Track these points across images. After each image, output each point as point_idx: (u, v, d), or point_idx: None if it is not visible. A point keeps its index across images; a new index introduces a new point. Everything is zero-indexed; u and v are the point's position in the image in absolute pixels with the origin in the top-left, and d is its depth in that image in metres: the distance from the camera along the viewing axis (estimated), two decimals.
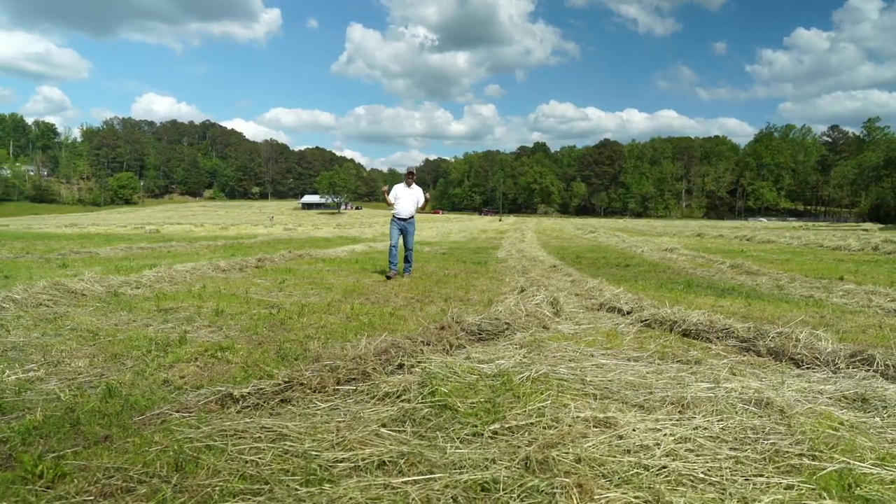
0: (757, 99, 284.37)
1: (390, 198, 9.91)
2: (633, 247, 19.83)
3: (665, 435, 2.54)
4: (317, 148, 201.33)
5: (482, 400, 3.08)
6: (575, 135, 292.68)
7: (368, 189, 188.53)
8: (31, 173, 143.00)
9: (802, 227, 50.41)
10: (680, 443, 2.48)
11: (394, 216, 9.87)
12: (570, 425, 2.66)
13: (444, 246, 21.48)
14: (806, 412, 2.85)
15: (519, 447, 2.47)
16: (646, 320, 5.30)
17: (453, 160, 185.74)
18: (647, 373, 3.61)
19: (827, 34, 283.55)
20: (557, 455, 2.34)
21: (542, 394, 3.08)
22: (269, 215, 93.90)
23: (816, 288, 9.17)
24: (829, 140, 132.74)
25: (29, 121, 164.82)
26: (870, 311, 6.98)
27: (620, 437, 2.51)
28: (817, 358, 3.83)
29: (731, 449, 2.46)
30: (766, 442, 2.53)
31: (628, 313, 5.80)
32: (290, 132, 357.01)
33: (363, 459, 2.31)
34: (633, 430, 2.59)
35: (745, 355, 4.25)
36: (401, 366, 3.66)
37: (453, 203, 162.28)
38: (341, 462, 2.30)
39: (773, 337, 4.27)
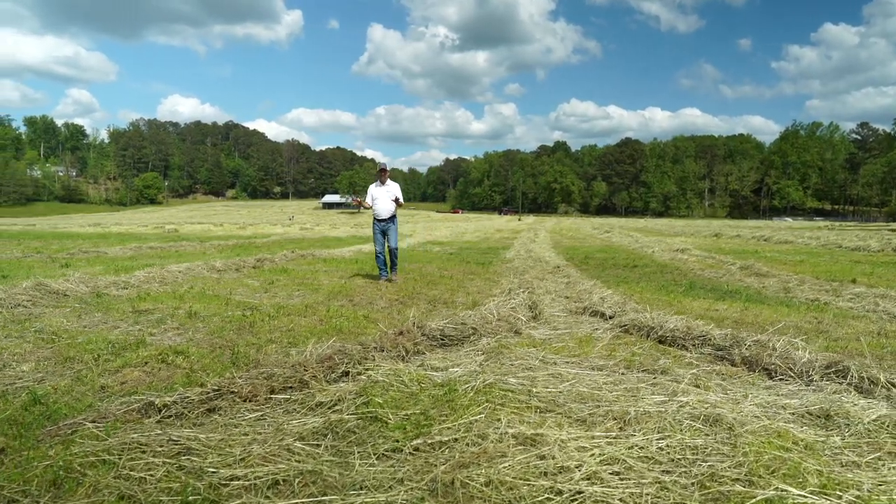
0: (783, 96, 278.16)
1: (368, 200, 9.44)
2: (644, 247, 19.43)
3: (592, 455, 2.35)
4: (338, 148, 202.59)
5: (417, 412, 2.92)
6: (596, 133, 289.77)
7: None
8: (61, 174, 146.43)
9: (826, 226, 49.08)
10: (606, 464, 2.29)
11: (374, 218, 9.44)
12: (495, 442, 2.49)
13: (454, 246, 21.30)
14: (758, 430, 2.63)
15: (435, 465, 2.31)
16: (625, 326, 5.08)
17: (473, 160, 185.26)
18: (605, 383, 3.41)
19: (856, 29, 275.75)
20: (467, 477, 2.17)
21: (479, 406, 2.91)
22: (288, 215, 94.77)
23: (824, 291, 8.81)
24: (859, 137, 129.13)
25: (59, 123, 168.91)
26: (874, 316, 6.66)
27: (542, 458, 2.32)
28: (791, 369, 3.58)
29: (661, 472, 2.26)
30: (703, 464, 2.32)
31: (610, 318, 5.58)
32: (311, 132, 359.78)
33: (259, 478, 2.17)
34: (560, 448, 2.40)
35: (718, 364, 4.02)
36: (346, 373, 3.51)
37: (473, 203, 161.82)
38: (236, 480, 2.17)
39: (749, 345, 4.03)
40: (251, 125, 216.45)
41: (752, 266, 12.12)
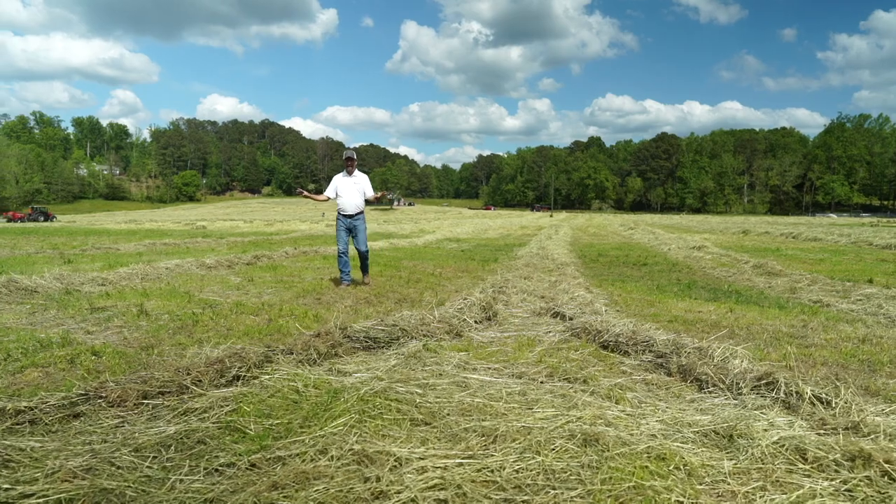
0: (830, 88, 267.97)
1: (329, 192, 8.26)
2: (662, 244, 18.81)
3: (426, 478, 2.11)
4: (371, 145, 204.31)
5: (284, 422, 2.73)
6: (633, 128, 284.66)
7: (422, 185, 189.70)
8: (105, 172, 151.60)
9: (869, 223, 46.84)
10: (436, 489, 2.05)
11: (338, 213, 8.33)
12: (332, 459, 2.27)
13: (471, 243, 21.05)
14: (640, 452, 2.35)
15: (254, 484, 2.11)
16: (576, 329, 4.78)
17: (506, 156, 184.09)
18: (509, 393, 3.15)
19: None
20: (276, 499, 1.96)
21: (347, 416, 2.70)
22: (321, 211, 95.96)
23: (833, 292, 8.27)
24: None
25: (104, 123, 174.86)
26: (870, 319, 6.17)
27: (366, 480, 2.10)
28: (722, 380, 3.25)
29: (499, 500, 2.01)
30: (550, 492, 2.06)
31: (570, 319, 5.27)
32: (346, 130, 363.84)
33: (47, 496, 2.00)
34: (393, 470, 2.17)
35: (653, 373, 3.70)
36: (238, 378, 3.34)
37: (506, 199, 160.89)
38: (26, 498, 2.00)
39: (689, 353, 3.70)
40: (287, 123, 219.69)
41: (766, 265, 11.53)
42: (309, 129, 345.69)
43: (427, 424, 2.71)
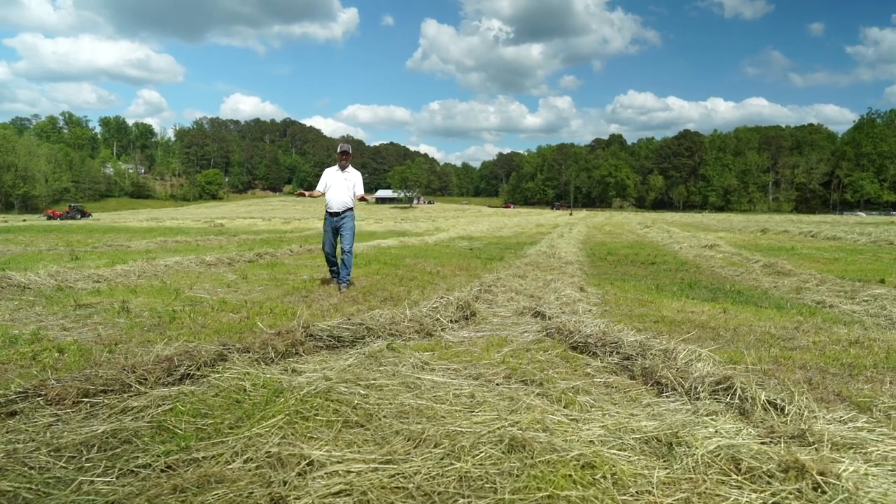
0: (860, 83, 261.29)
1: (321, 187, 7.75)
2: (675, 243, 18.48)
3: (331, 485, 2.04)
4: (391, 143, 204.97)
5: (217, 422, 2.68)
6: (655, 126, 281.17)
7: (442, 184, 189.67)
8: (131, 171, 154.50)
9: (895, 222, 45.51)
10: (341, 494, 1.98)
11: (326, 212, 7.80)
12: (247, 460, 2.21)
13: (483, 241, 20.96)
14: (568, 460, 2.24)
15: (157, 486, 2.06)
16: (550, 330, 4.66)
17: (526, 154, 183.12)
18: (457, 395, 3.06)
19: None
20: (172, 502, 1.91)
21: (278, 417, 2.64)
22: None
23: (839, 292, 8.01)
24: None
25: (130, 123, 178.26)
26: (869, 321, 5.94)
27: (269, 484, 2.03)
28: (682, 384, 3.12)
29: None
30: (459, 500, 1.97)
31: (550, 319, 5.15)
32: (366, 128, 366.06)
33: None
34: (301, 475, 2.10)
35: (617, 375, 3.57)
36: (188, 376, 3.30)
37: (526, 197, 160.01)
38: None
39: (654, 355, 3.57)
40: (308, 122, 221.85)
41: (776, 264, 11.23)
42: (330, 127, 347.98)
43: (360, 426, 2.64)
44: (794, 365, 3.98)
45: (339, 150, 7.92)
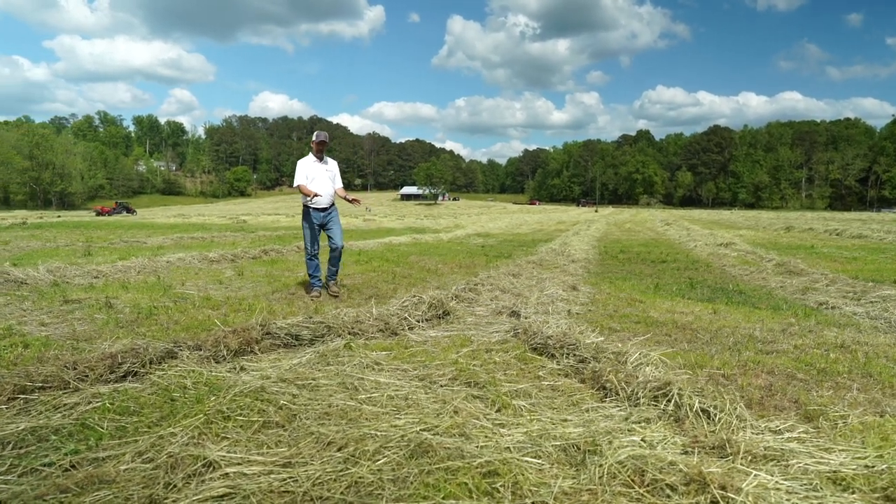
0: None
1: (300, 180, 6.97)
2: (690, 241, 18.08)
3: (219, 485, 2.01)
4: (417, 140, 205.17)
5: (142, 420, 2.68)
6: (684, 121, 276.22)
7: (467, 180, 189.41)
8: (162, 168, 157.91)
9: None
10: (224, 498, 1.95)
11: (307, 208, 7.01)
12: (147, 460, 2.19)
13: (498, 238, 20.83)
14: (473, 466, 2.18)
15: (43, 486, 2.06)
16: (516, 331, 4.57)
17: (552, 150, 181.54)
18: (391, 397, 3.02)
19: None
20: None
21: (199, 415, 2.62)
22: (366, 206, 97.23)
23: (847, 293, 7.73)
24: None
25: (162, 121, 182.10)
26: (866, 324, 5.70)
27: (151, 486, 2.01)
28: (624, 389, 3.01)
29: None
30: None
31: (525, 318, 5.06)
32: (392, 125, 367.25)
33: None
34: (196, 474, 2.08)
35: (568, 378, 3.48)
36: (132, 373, 3.32)
37: (551, 194, 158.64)
38: None
39: (607, 358, 3.46)
40: (335, 119, 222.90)
41: (789, 263, 10.89)
42: (356, 124, 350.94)
43: (279, 427, 2.61)
44: (761, 370, 3.82)
45: (316, 138, 7.06)
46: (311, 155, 7.10)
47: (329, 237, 7.17)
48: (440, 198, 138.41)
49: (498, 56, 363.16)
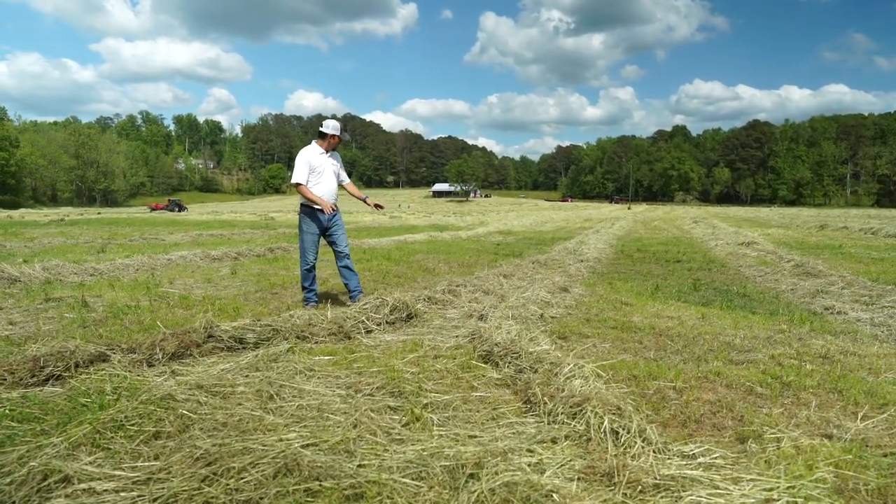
0: None
1: (300, 177, 5.95)
2: (713, 240, 17.49)
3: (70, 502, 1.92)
4: (449, 137, 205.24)
5: (36, 429, 2.63)
6: (723, 116, 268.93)
7: (499, 177, 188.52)
8: (200, 166, 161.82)
9: None
10: None
11: (307, 209, 6.07)
12: (6, 473, 2.13)
13: (518, 236, 20.58)
14: (341, 487, 2.04)
15: None
16: (472, 336, 4.41)
17: (585, 146, 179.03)
18: (301, 407, 2.90)
19: None
20: None
21: (93, 423, 2.56)
22: (397, 203, 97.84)
23: (859, 297, 7.33)
24: None
25: (200, 120, 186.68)
26: (866, 332, 5.36)
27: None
28: (546, 403, 2.83)
29: None
30: None
31: (486, 323, 4.88)
32: (425, 122, 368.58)
33: None
34: (55, 488, 2.00)
35: (502, 389, 3.30)
36: (56, 377, 3.28)
37: (584, 191, 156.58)
38: None
39: (545, 369, 3.27)
40: (368, 117, 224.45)
41: (807, 264, 10.39)
42: (389, 122, 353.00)
43: (168, 438, 2.53)
44: (720, 383, 3.57)
45: (334, 131, 6.09)
46: (315, 145, 6.10)
47: (334, 244, 6.20)
48: (472, 195, 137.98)
49: (531, 52, 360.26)
